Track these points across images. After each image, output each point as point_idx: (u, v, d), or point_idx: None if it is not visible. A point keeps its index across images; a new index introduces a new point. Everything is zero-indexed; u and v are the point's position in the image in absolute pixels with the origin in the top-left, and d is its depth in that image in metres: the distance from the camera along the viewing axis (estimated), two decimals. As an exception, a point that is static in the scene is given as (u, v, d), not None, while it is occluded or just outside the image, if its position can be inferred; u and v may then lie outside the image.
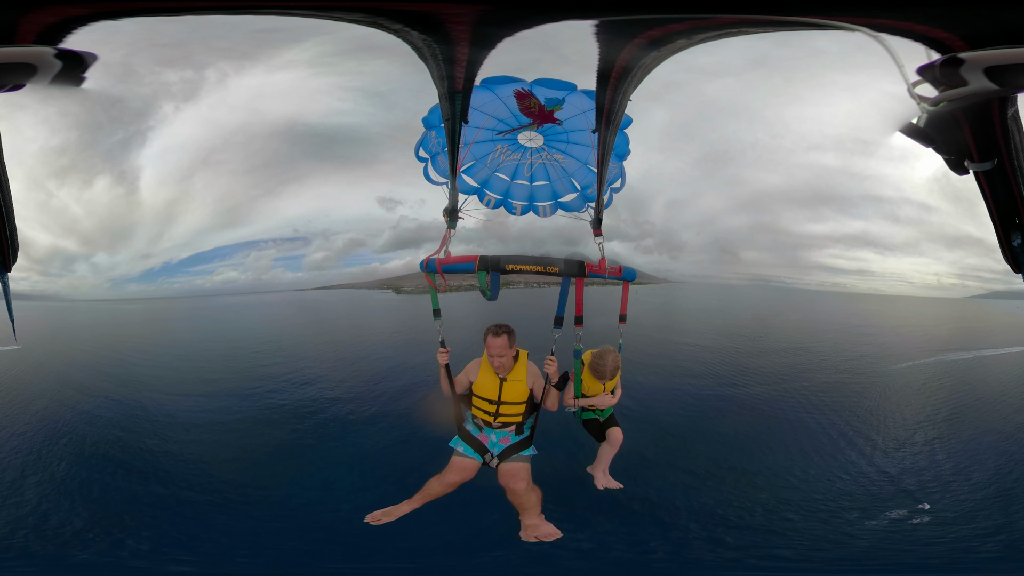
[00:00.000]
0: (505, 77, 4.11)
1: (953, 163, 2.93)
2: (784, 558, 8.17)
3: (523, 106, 4.29)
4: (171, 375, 18.69)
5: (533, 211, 5.09)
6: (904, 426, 14.02)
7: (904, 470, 11.15)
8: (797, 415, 14.56)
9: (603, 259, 4.26)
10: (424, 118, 4.60)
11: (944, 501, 9.69)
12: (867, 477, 10.80)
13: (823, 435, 13.11)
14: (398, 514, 3.99)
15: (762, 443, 12.41)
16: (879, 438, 13.08)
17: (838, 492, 10.10)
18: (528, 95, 4.17)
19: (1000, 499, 9.75)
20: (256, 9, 2.53)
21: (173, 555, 7.83)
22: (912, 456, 11.95)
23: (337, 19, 2.52)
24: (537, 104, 4.23)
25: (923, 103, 2.53)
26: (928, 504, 9.52)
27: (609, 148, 4.06)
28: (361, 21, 2.52)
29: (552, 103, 4.21)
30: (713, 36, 2.67)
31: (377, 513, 3.97)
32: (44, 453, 11.01)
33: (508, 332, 4.08)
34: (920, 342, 29.15)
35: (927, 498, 9.78)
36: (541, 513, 4.02)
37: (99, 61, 2.41)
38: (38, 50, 2.26)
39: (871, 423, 14.12)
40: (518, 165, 4.88)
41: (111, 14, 2.27)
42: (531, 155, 4.81)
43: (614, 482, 4.50)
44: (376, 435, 12.42)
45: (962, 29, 2.15)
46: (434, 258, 4.18)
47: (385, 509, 3.99)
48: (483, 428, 4.24)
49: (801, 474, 10.79)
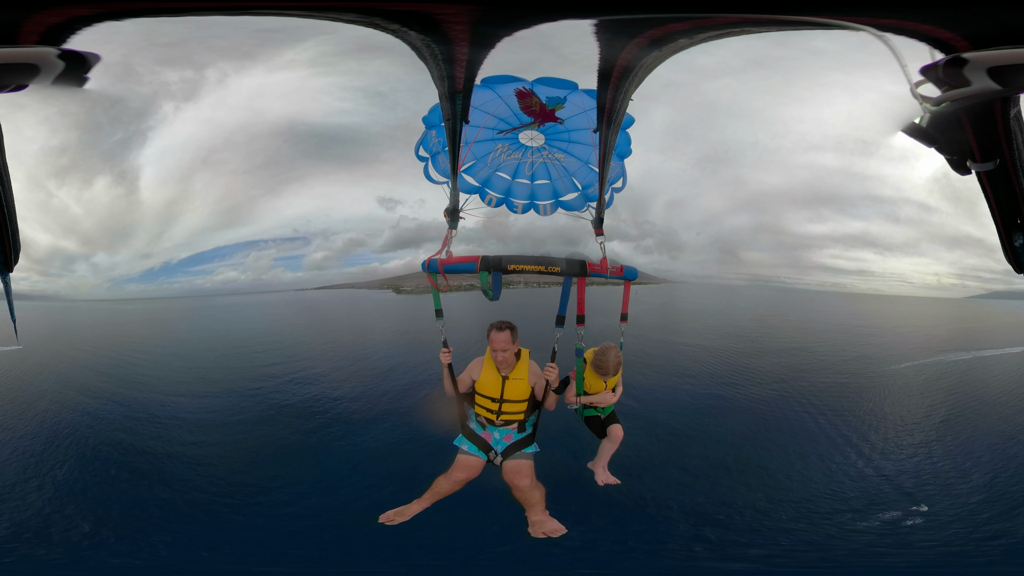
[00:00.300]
0: (506, 76, 4.11)
1: (955, 163, 2.93)
2: (756, 558, 8.24)
3: (524, 105, 4.29)
4: (173, 375, 18.70)
5: (534, 210, 5.10)
6: (902, 426, 14.03)
7: (899, 471, 11.15)
8: (795, 415, 14.56)
9: (604, 259, 4.27)
10: (424, 117, 4.61)
11: (940, 504, 9.68)
12: (863, 477, 10.80)
13: (820, 435, 13.10)
14: (410, 514, 4.05)
15: (758, 443, 12.42)
16: (877, 438, 13.09)
17: (830, 493, 10.09)
18: (529, 94, 4.18)
19: (998, 502, 9.74)
20: (252, 10, 2.53)
21: (186, 557, 7.86)
22: (908, 458, 11.95)
23: (333, 19, 2.53)
24: (538, 103, 4.24)
25: (926, 103, 2.53)
26: (925, 506, 9.51)
27: (610, 148, 4.06)
28: (357, 21, 2.52)
29: (553, 102, 4.22)
30: (715, 35, 2.67)
31: (390, 513, 4.02)
32: (47, 456, 11.01)
33: (511, 328, 4.13)
34: (920, 342, 29.18)
35: (923, 500, 9.78)
36: (546, 509, 4.09)
37: (101, 61, 2.42)
38: (41, 50, 2.26)
39: (869, 423, 14.13)
40: (519, 164, 4.88)
41: (114, 15, 2.28)
42: (532, 154, 4.82)
43: (612, 478, 4.59)
44: (380, 434, 12.43)
45: (965, 29, 2.16)
46: (436, 259, 4.19)
47: (397, 509, 4.04)
48: (486, 426, 4.28)
49: (796, 475, 10.79)
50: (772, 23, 2.49)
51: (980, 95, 2.41)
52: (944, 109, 2.53)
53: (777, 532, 8.70)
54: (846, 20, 2.25)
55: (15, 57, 2.24)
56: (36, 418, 13.34)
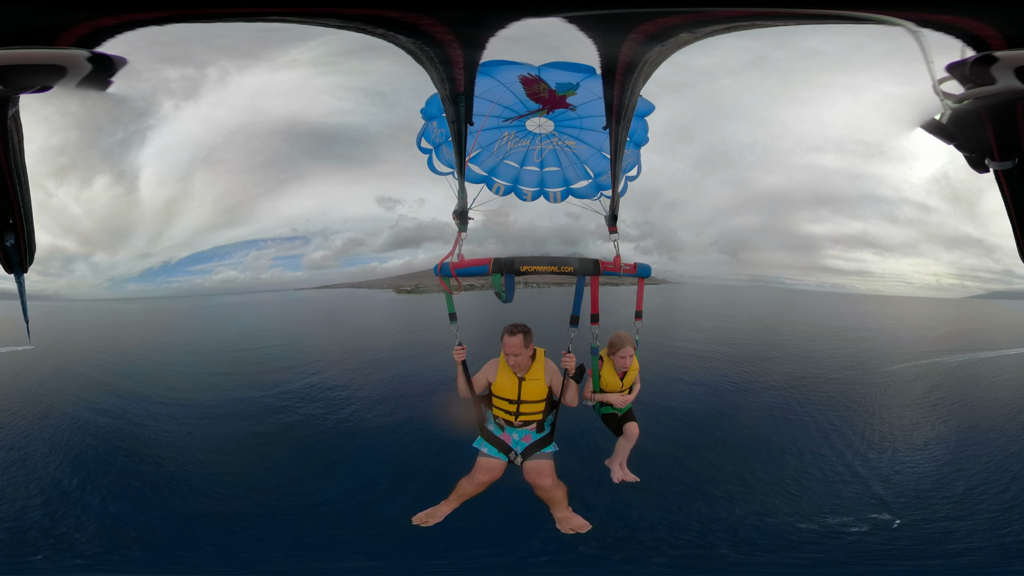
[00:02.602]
0: (505, 61, 3.95)
1: (974, 161, 2.93)
2: (720, 558, 8.32)
3: (531, 92, 4.16)
4: (181, 376, 18.65)
5: (544, 197, 5.00)
6: (901, 427, 14.03)
7: (889, 473, 11.17)
8: (794, 415, 14.57)
9: (618, 256, 4.26)
10: (422, 109, 4.53)
11: (918, 511, 9.70)
12: (842, 479, 10.85)
13: (817, 434, 13.14)
14: (441, 515, 4.12)
15: (757, 442, 12.45)
16: (873, 438, 13.09)
17: (811, 493, 10.18)
18: (536, 80, 4.05)
19: (994, 507, 9.73)
20: (241, 17, 2.55)
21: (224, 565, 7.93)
22: (900, 459, 11.96)
23: (319, 24, 2.54)
24: (547, 89, 4.12)
25: (948, 99, 2.53)
26: (898, 520, 9.52)
27: (621, 146, 4.03)
28: (344, 26, 2.54)
29: (564, 88, 4.09)
30: (720, 30, 2.65)
31: (422, 515, 4.10)
32: (60, 461, 10.98)
33: (524, 331, 4.10)
34: (920, 342, 29.18)
35: (904, 505, 9.81)
36: (569, 506, 4.15)
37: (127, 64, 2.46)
38: (74, 53, 2.34)
39: (866, 423, 14.13)
40: (527, 151, 4.78)
41: (135, 24, 2.32)
42: (541, 141, 4.72)
43: (631, 475, 4.62)
44: (397, 436, 12.50)
45: (1008, 27, 2.15)
46: (448, 262, 4.16)
47: (428, 510, 4.11)
48: (505, 428, 4.28)
49: (786, 476, 10.85)
50: (792, 17, 2.47)
51: (1005, 94, 2.40)
52: (966, 107, 2.53)
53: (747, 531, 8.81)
54: (885, 14, 2.23)
55: (51, 58, 2.32)
56: (47, 423, 13.28)
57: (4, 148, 2.79)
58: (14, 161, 2.88)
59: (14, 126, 2.80)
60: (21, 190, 2.95)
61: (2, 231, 3.05)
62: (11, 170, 2.88)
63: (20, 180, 2.92)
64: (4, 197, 2.94)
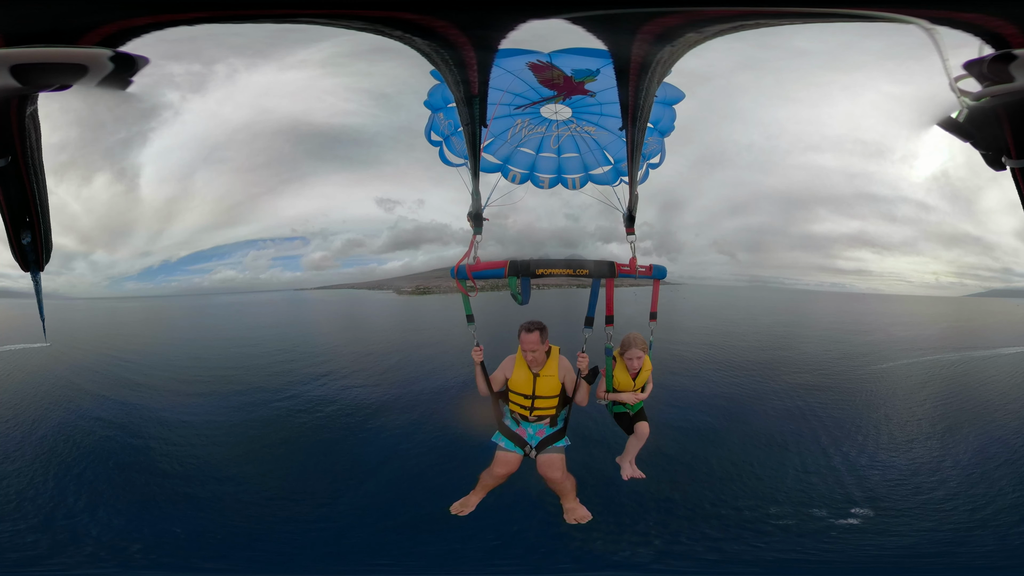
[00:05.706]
0: (511, 50, 3.85)
1: (990, 159, 2.93)
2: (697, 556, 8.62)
3: (543, 78, 4.10)
4: (187, 377, 18.69)
5: (562, 184, 4.92)
6: (899, 427, 14.08)
7: (879, 472, 11.27)
8: (791, 414, 14.64)
9: (633, 258, 4.22)
10: (426, 101, 4.46)
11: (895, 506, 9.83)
12: (820, 476, 10.96)
13: (812, 433, 13.21)
14: (473, 504, 4.31)
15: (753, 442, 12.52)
16: (861, 437, 13.16)
17: (792, 490, 10.31)
18: (547, 67, 3.97)
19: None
20: (269, 19, 2.57)
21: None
22: (890, 458, 12.03)
23: (344, 27, 2.57)
24: (561, 75, 4.04)
25: (964, 97, 2.53)
26: (871, 511, 9.66)
27: (637, 147, 4.03)
28: (366, 28, 2.57)
29: (582, 74, 4.03)
30: (727, 30, 2.65)
31: (457, 505, 4.31)
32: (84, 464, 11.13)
33: (540, 328, 4.15)
34: (920, 341, 29.23)
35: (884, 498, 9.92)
36: (576, 498, 4.31)
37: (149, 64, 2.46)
38: (97, 52, 2.34)
39: (865, 422, 14.18)
40: (543, 138, 4.72)
41: (162, 24, 2.33)
42: (558, 127, 4.64)
43: (638, 472, 4.63)
44: (415, 434, 12.61)
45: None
46: (464, 265, 4.16)
47: (461, 500, 4.32)
48: (520, 422, 4.35)
49: (775, 475, 10.97)
50: (800, 16, 2.47)
51: (1022, 92, 2.40)
52: (983, 105, 2.53)
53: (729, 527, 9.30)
54: (899, 12, 2.22)
55: (73, 57, 2.31)
56: (59, 424, 13.37)
57: (22, 147, 2.79)
58: (31, 159, 2.87)
59: (32, 124, 2.79)
60: (38, 188, 2.94)
61: (19, 229, 3.04)
62: (28, 168, 2.88)
63: (37, 178, 2.92)
64: (21, 195, 2.93)
